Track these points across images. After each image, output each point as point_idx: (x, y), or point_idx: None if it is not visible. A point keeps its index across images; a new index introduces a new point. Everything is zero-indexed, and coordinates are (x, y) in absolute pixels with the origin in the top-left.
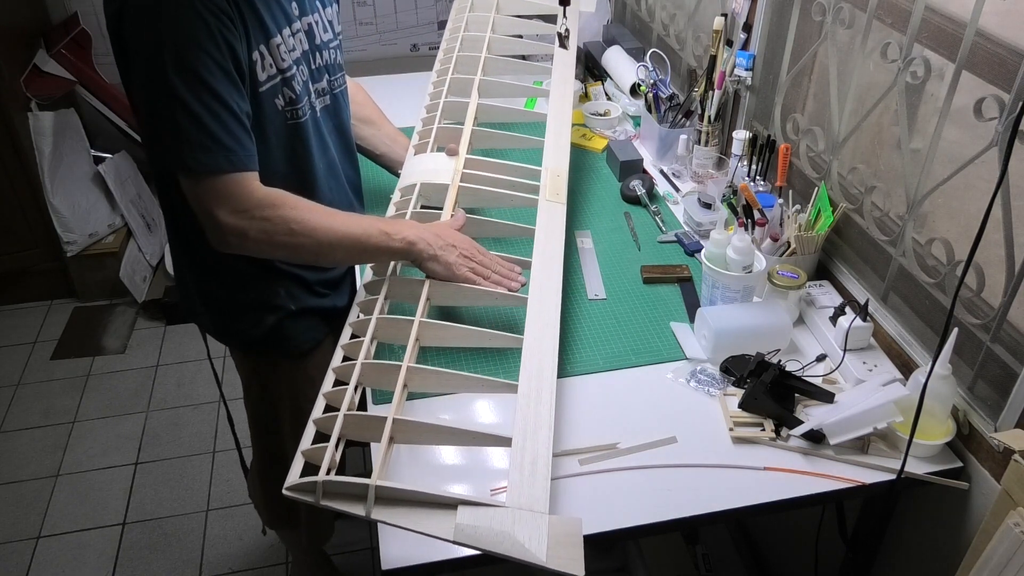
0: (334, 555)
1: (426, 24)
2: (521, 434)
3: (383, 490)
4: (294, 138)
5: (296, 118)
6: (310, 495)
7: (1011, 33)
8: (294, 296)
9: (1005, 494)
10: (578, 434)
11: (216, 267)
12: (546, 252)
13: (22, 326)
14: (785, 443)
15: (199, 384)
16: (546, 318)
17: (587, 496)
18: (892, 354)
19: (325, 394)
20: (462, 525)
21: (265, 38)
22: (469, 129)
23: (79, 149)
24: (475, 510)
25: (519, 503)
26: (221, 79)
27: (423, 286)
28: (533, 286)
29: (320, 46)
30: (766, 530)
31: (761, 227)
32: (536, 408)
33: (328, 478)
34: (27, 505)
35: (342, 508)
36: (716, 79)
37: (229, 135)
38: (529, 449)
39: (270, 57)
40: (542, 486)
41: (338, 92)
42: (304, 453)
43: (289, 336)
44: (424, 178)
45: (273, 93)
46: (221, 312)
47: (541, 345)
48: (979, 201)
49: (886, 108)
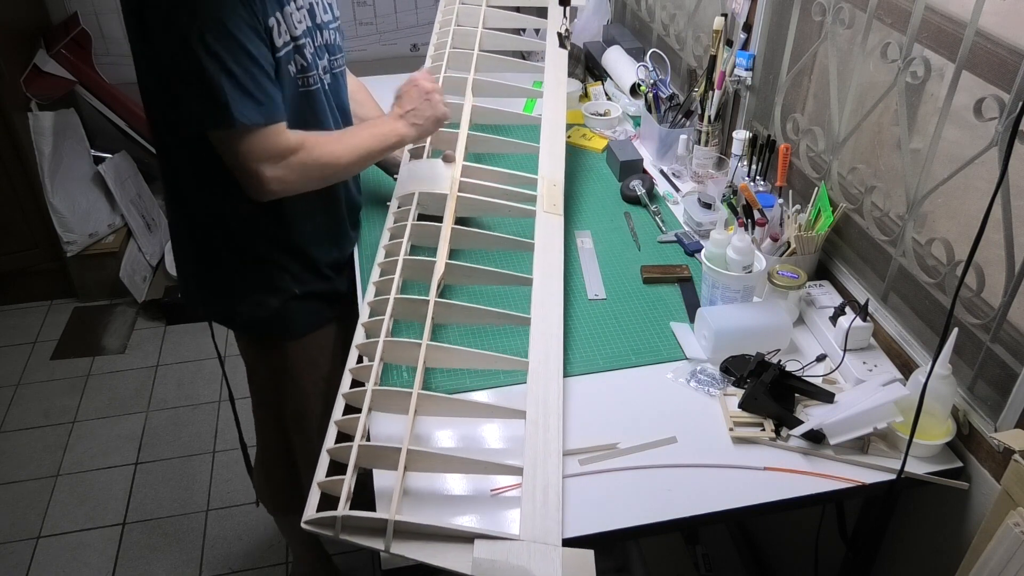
0: (334, 555)
1: (426, 24)
2: (531, 463)
3: (401, 524)
4: (304, 105)
5: (307, 86)
6: (329, 529)
7: (1011, 33)
8: (300, 279)
9: (1005, 494)
10: (578, 434)
11: (221, 252)
12: (545, 269)
13: (22, 326)
14: (785, 443)
15: (199, 384)
16: (549, 341)
17: (587, 496)
18: (892, 354)
19: (337, 422)
20: (480, 560)
21: (279, 5)
22: (464, 134)
23: (79, 149)
24: (491, 544)
25: (533, 535)
26: (250, 35)
27: (428, 306)
28: (535, 304)
29: (321, 25)
30: (766, 530)
31: (761, 227)
32: (544, 435)
33: (347, 513)
34: (27, 505)
35: (360, 542)
36: (716, 79)
37: (260, 89)
38: (540, 478)
39: (284, 24)
40: (554, 517)
41: (338, 72)
42: (320, 485)
43: (293, 319)
44: (422, 187)
45: (287, 59)
46: (225, 295)
47: (546, 368)
48: (979, 201)
49: (886, 108)
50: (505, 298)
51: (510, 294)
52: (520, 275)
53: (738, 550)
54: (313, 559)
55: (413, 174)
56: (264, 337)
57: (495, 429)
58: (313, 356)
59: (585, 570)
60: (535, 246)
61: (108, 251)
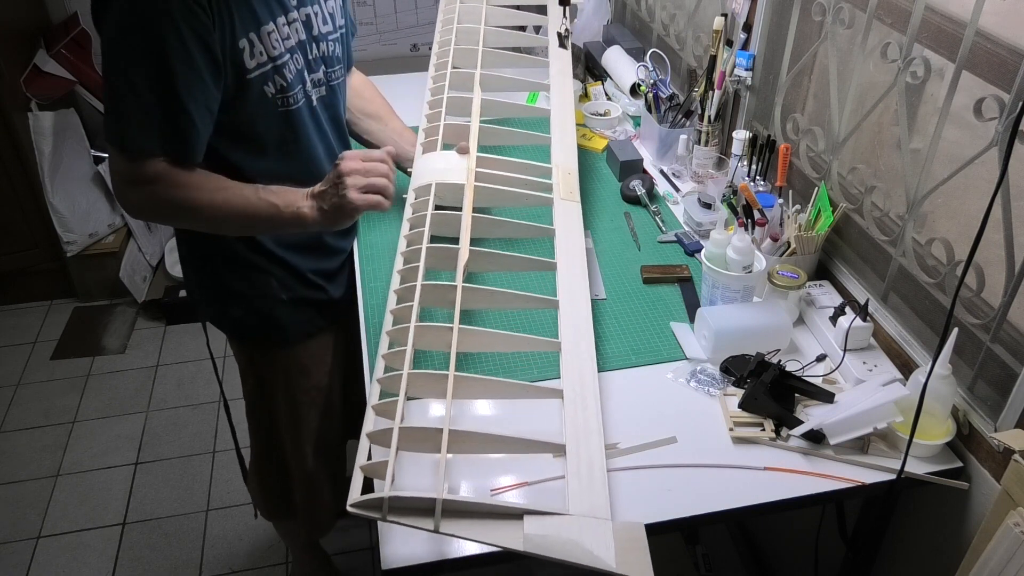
0: (334, 555)
1: (426, 24)
2: (574, 440)
3: (449, 503)
4: (285, 125)
5: (287, 105)
6: (376, 511)
7: (1011, 33)
8: (286, 286)
9: (1005, 494)
10: None
11: (211, 254)
12: (569, 252)
13: (22, 326)
14: (785, 443)
15: (199, 384)
16: (578, 321)
17: None
18: (892, 354)
19: (374, 406)
20: (531, 535)
21: (256, 26)
22: (476, 126)
23: (79, 149)
24: (541, 519)
25: (581, 510)
26: (183, 63)
27: (455, 292)
28: (561, 288)
29: (318, 37)
30: (766, 530)
31: (761, 227)
32: (584, 414)
33: (394, 494)
34: (27, 505)
35: (408, 523)
36: (716, 79)
37: (146, 116)
38: (584, 456)
39: (260, 45)
40: (601, 492)
41: (335, 84)
42: (363, 468)
43: (283, 325)
44: (438, 178)
45: (263, 80)
46: (216, 299)
47: (578, 348)
48: (979, 201)
49: (886, 108)
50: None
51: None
52: (545, 259)
53: (738, 550)
54: (313, 560)
55: (428, 166)
56: (255, 343)
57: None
58: (305, 364)
59: (637, 542)
60: (555, 232)
61: (108, 251)
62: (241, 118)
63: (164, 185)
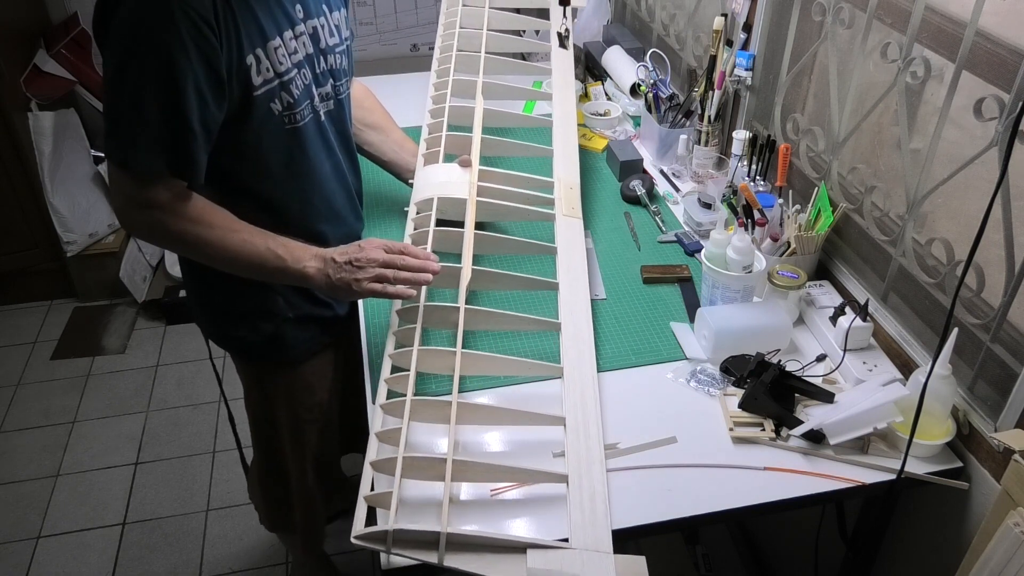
0: (334, 555)
1: (426, 24)
2: (576, 471)
3: (453, 536)
4: (292, 142)
5: (294, 122)
6: (380, 544)
7: (1011, 33)
8: (292, 303)
9: (1005, 494)
10: None
11: (215, 274)
12: (571, 271)
13: (22, 326)
14: (785, 443)
15: (199, 384)
16: (580, 344)
17: None
18: (892, 354)
19: (377, 433)
20: (534, 569)
21: (263, 41)
22: (478, 137)
23: (79, 149)
24: (544, 553)
25: (584, 543)
26: (187, 84)
27: (457, 313)
28: (563, 310)
29: (325, 50)
30: (766, 530)
31: (761, 227)
32: (586, 442)
33: (398, 527)
34: (27, 505)
35: (412, 556)
36: (716, 79)
37: (150, 135)
38: (586, 487)
39: (267, 61)
40: (603, 524)
41: (343, 97)
42: (367, 499)
43: (288, 344)
44: (440, 192)
45: (269, 97)
46: (220, 319)
47: (580, 372)
48: (979, 201)
49: (886, 108)
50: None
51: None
52: (546, 280)
53: (738, 550)
54: (313, 561)
55: (430, 179)
56: (261, 362)
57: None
58: (309, 382)
59: None
60: (557, 250)
61: (108, 251)
62: (247, 136)
63: (173, 216)
